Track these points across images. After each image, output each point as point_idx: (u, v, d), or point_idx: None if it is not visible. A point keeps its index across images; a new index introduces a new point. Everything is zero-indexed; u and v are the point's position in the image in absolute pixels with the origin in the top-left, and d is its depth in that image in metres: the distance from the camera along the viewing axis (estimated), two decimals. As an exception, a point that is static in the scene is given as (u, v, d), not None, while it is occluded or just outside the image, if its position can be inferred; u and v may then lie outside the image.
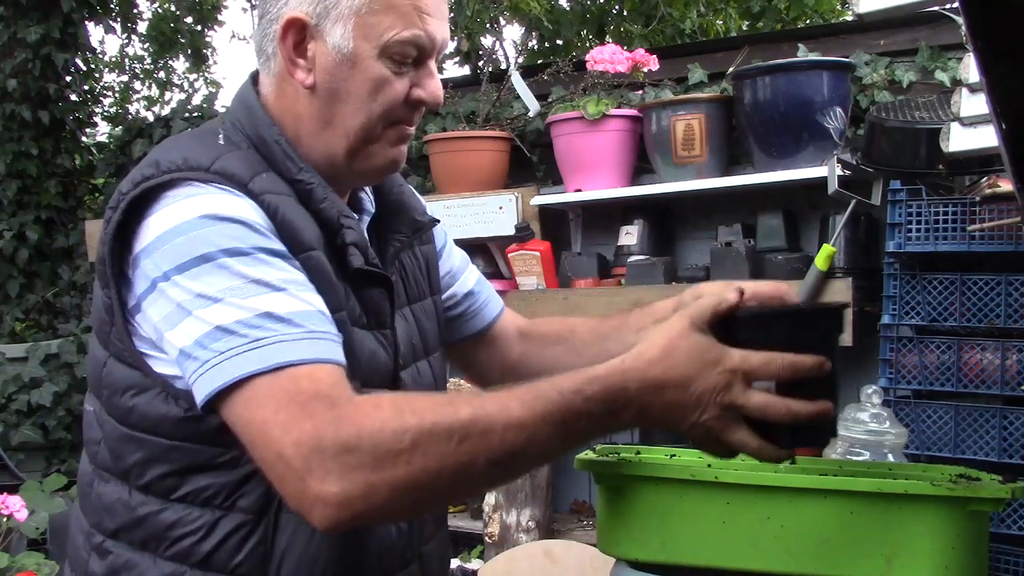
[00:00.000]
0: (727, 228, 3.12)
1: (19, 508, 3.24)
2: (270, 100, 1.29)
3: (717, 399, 1.06)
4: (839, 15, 7.08)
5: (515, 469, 1.11)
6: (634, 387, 1.07)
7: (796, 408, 1.07)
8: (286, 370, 1.07)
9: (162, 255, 1.13)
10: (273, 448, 1.05)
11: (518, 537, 3.07)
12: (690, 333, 1.09)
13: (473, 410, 1.05)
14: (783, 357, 1.07)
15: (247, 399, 1.08)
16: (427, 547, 1.36)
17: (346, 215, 1.26)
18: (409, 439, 1.02)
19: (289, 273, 1.15)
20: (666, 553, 1.11)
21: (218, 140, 1.25)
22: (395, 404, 1.06)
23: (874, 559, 1.02)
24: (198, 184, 1.16)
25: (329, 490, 1.02)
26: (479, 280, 1.59)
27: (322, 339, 1.12)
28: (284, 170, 1.24)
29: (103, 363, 1.24)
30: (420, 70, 1.27)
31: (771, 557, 1.05)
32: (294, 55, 1.25)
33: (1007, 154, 1.01)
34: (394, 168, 1.33)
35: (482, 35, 6.19)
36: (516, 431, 1.04)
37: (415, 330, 1.38)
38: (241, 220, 1.14)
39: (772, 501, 1.06)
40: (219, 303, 1.10)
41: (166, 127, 4.79)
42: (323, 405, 1.05)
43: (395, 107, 1.26)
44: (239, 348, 1.08)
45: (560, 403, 1.06)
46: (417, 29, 1.23)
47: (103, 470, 1.26)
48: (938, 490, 1.02)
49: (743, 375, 1.07)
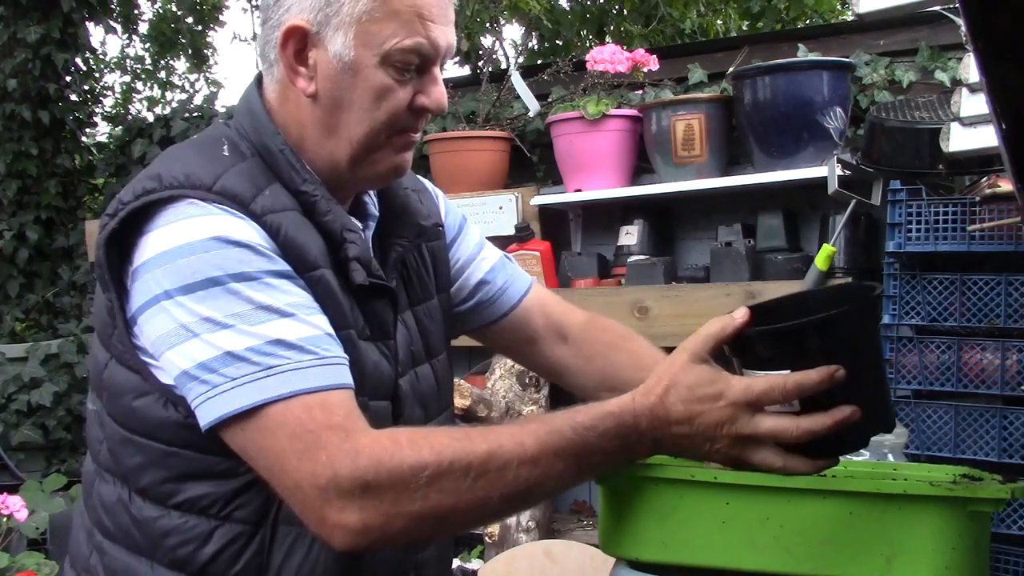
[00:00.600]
0: (727, 228, 3.12)
1: (19, 508, 3.23)
2: (274, 106, 1.28)
3: (724, 432, 1.06)
4: (839, 15, 7.08)
5: (529, 502, 1.14)
6: (644, 423, 1.08)
7: (810, 426, 1.03)
8: (299, 398, 1.09)
9: (164, 273, 1.13)
10: (291, 477, 1.07)
11: (518, 537, 3.07)
12: (690, 367, 1.08)
13: (489, 447, 1.06)
14: (787, 380, 1.04)
15: (260, 427, 1.09)
16: (425, 554, 1.36)
17: (349, 228, 1.25)
18: (427, 476, 1.04)
19: (296, 296, 1.15)
20: (666, 553, 1.11)
21: (222, 151, 1.23)
22: (412, 440, 1.07)
23: (874, 559, 1.02)
24: (199, 203, 1.16)
25: (347, 520, 1.05)
26: (494, 268, 1.52)
27: (332, 364, 1.13)
28: (288, 181, 1.23)
29: (104, 365, 1.24)
30: (424, 77, 1.25)
31: (771, 557, 1.05)
32: (295, 63, 1.23)
33: (1007, 154, 1.01)
34: (399, 174, 1.32)
35: (482, 35, 6.19)
36: (530, 467, 1.06)
37: (415, 335, 1.37)
38: (247, 244, 1.14)
39: (771, 501, 1.06)
40: (229, 329, 1.10)
41: (166, 127, 4.79)
42: (337, 436, 1.07)
43: (399, 115, 1.25)
44: (251, 375, 1.09)
45: (574, 439, 1.07)
46: (420, 37, 1.22)
47: (104, 470, 1.26)
48: (937, 490, 1.02)
49: (747, 406, 1.05)
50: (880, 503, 1.03)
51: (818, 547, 1.04)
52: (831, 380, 1.03)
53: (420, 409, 1.35)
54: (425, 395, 1.37)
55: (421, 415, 1.35)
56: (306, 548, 1.19)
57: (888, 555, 1.02)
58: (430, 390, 1.39)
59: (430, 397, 1.39)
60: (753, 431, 1.05)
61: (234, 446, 1.13)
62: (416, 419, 1.33)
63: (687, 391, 1.07)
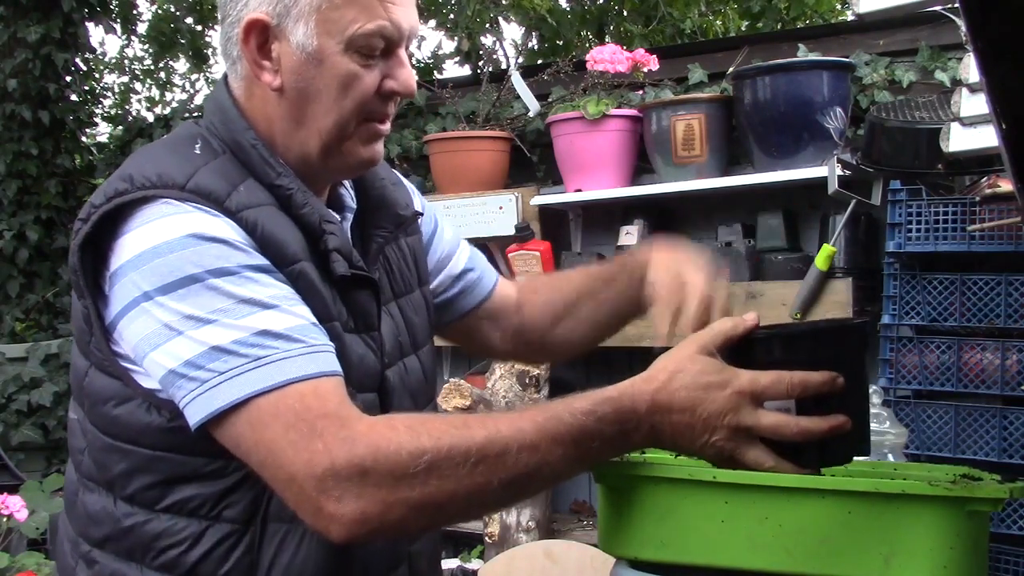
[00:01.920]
0: (727, 228, 3.12)
1: (19, 508, 3.23)
2: (242, 102, 1.26)
3: (725, 422, 1.07)
4: (839, 15, 7.08)
5: (529, 490, 1.13)
6: (644, 409, 1.08)
7: (808, 426, 1.07)
8: (291, 387, 1.07)
9: (142, 275, 1.11)
10: (285, 469, 1.06)
11: (518, 537, 3.07)
12: (698, 357, 1.10)
13: (488, 433, 1.06)
14: (792, 375, 1.07)
15: (252, 420, 1.07)
16: (416, 547, 1.35)
17: (328, 219, 1.24)
18: (426, 462, 1.03)
19: (277, 288, 1.14)
20: (665, 552, 1.11)
21: (194, 150, 1.22)
22: (410, 426, 1.06)
23: (873, 558, 1.02)
24: (173, 202, 1.14)
25: (345, 509, 1.03)
26: (471, 257, 1.56)
27: (321, 352, 1.12)
28: (263, 175, 1.21)
29: (84, 373, 1.22)
30: (390, 60, 1.23)
31: (769, 556, 1.05)
32: (259, 57, 1.22)
33: (1007, 154, 1.01)
34: (371, 164, 1.30)
35: (482, 35, 6.19)
36: (529, 453, 1.06)
37: (402, 326, 1.36)
38: (223, 240, 1.13)
39: (770, 500, 1.06)
40: (212, 324, 1.09)
41: (166, 127, 4.79)
42: (333, 424, 1.05)
43: (367, 101, 1.23)
44: (240, 368, 1.08)
45: (573, 424, 1.07)
46: (381, 20, 1.20)
47: (88, 479, 1.25)
48: (936, 490, 1.02)
49: (752, 397, 1.07)
50: (879, 502, 1.03)
51: (817, 546, 1.04)
52: (832, 384, 1.08)
53: (409, 401, 1.34)
54: (414, 387, 1.36)
55: (411, 407, 1.34)
56: (296, 543, 1.19)
57: (886, 554, 1.02)
58: (418, 382, 1.38)
59: (419, 389, 1.38)
60: (755, 423, 1.07)
61: (225, 442, 1.11)
62: (405, 411, 1.32)
63: (692, 378, 1.08)
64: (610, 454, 1.11)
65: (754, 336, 1.13)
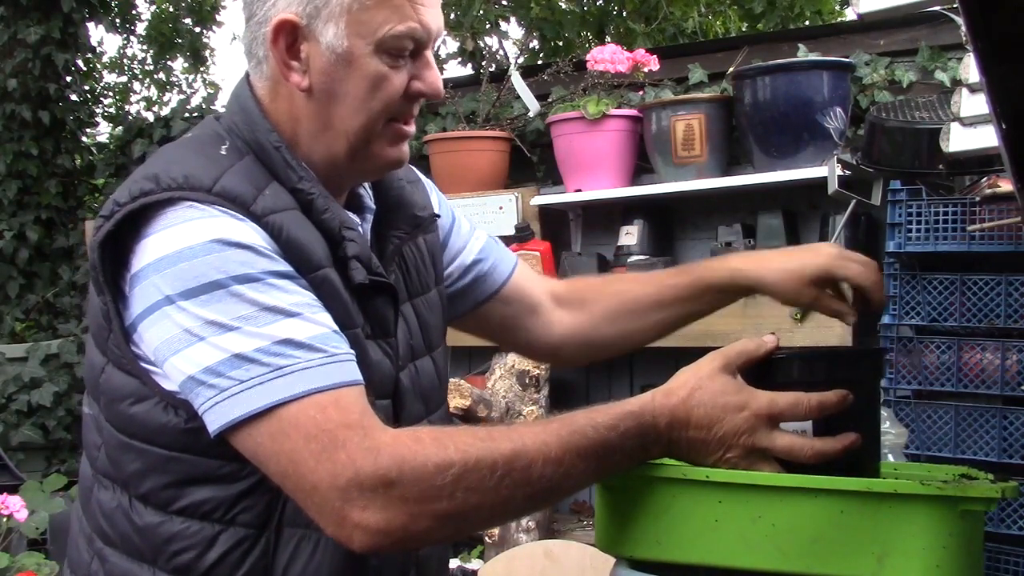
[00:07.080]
0: (727, 228, 3.12)
1: (19, 508, 3.23)
2: (265, 103, 1.26)
3: (740, 441, 1.09)
4: (839, 15, 7.08)
5: (549, 501, 1.15)
6: (663, 423, 1.10)
7: (822, 447, 1.10)
8: (312, 397, 1.07)
9: (165, 278, 1.11)
10: (308, 479, 1.06)
11: (518, 537, 3.06)
12: (718, 375, 1.12)
13: (514, 446, 1.07)
14: (810, 398, 1.09)
15: (273, 430, 1.07)
16: (425, 552, 1.34)
17: (348, 226, 1.23)
18: (453, 475, 1.04)
19: (300, 296, 1.14)
20: (660, 551, 1.11)
21: (221, 151, 1.22)
22: (436, 438, 1.07)
23: (865, 558, 1.02)
24: (198, 205, 1.14)
25: (370, 519, 1.04)
26: (484, 247, 1.53)
27: (343, 361, 1.12)
28: (285, 179, 1.21)
29: (101, 369, 1.22)
30: (417, 61, 1.24)
31: (762, 555, 1.06)
32: (287, 58, 1.21)
33: (1007, 154, 1.01)
34: (398, 165, 1.30)
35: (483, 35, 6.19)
36: (554, 467, 1.07)
37: (415, 328, 1.36)
38: (248, 245, 1.12)
39: (763, 500, 1.06)
40: (235, 331, 1.09)
41: (166, 127, 4.79)
42: (356, 435, 1.06)
43: (394, 102, 1.23)
44: (261, 377, 1.08)
45: (596, 439, 1.08)
46: (412, 21, 1.20)
47: (103, 476, 1.24)
48: (928, 489, 1.02)
49: (769, 419, 1.10)
50: (871, 502, 1.03)
51: (809, 545, 1.04)
52: (843, 402, 1.10)
53: (421, 404, 1.34)
54: (426, 389, 1.36)
55: (422, 409, 1.34)
56: (311, 549, 1.18)
57: (879, 553, 1.02)
58: (431, 384, 1.38)
59: (431, 391, 1.37)
60: (769, 445, 1.09)
61: (244, 451, 1.11)
62: (417, 413, 1.32)
63: (712, 397, 1.10)
64: (629, 466, 1.13)
65: (774, 357, 1.16)
